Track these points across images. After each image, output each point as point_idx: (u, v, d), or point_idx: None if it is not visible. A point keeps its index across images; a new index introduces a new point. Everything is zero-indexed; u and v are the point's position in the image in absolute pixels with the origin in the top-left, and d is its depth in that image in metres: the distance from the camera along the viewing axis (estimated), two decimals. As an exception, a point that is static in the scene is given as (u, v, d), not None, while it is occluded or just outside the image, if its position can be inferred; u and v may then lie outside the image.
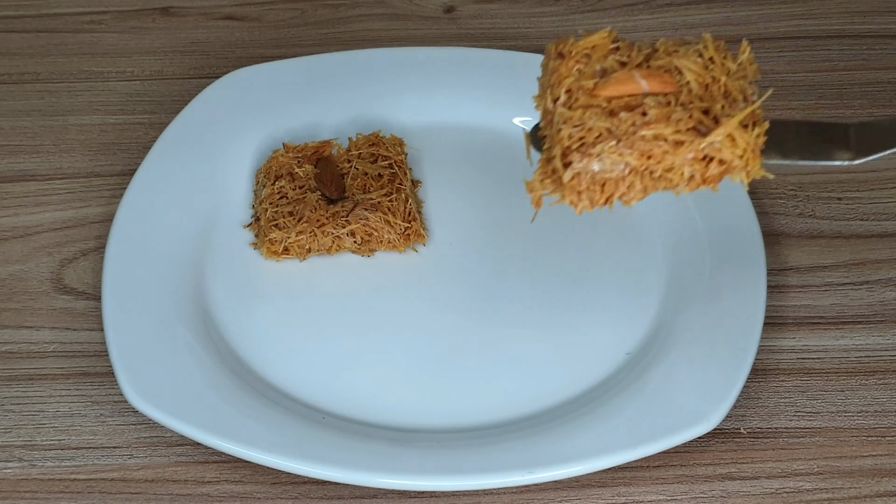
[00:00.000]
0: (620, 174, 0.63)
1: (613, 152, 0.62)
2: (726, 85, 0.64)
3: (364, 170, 0.89)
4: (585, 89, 0.64)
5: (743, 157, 0.63)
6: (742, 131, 0.63)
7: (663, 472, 0.78)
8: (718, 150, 0.62)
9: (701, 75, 0.63)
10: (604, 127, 0.62)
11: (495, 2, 1.07)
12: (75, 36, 1.04)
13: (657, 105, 0.62)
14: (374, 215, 0.87)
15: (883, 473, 0.78)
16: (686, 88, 0.63)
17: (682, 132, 0.62)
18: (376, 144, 0.91)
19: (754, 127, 0.62)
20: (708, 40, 0.66)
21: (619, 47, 0.66)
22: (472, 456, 0.77)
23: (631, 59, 0.65)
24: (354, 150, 0.90)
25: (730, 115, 0.62)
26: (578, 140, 0.63)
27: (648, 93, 0.63)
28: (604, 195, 0.64)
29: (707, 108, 0.63)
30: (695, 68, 0.63)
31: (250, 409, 0.79)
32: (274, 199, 0.88)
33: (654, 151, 0.62)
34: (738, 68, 0.65)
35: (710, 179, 0.64)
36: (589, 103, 0.63)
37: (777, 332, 0.85)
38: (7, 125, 0.98)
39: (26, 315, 0.86)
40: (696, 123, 0.62)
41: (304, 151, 0.91)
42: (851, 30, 1.03)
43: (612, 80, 0.64)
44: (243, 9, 1.06)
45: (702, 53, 0.65)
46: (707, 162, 0.63)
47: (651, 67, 0.64)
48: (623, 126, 0.62)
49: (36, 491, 0.78)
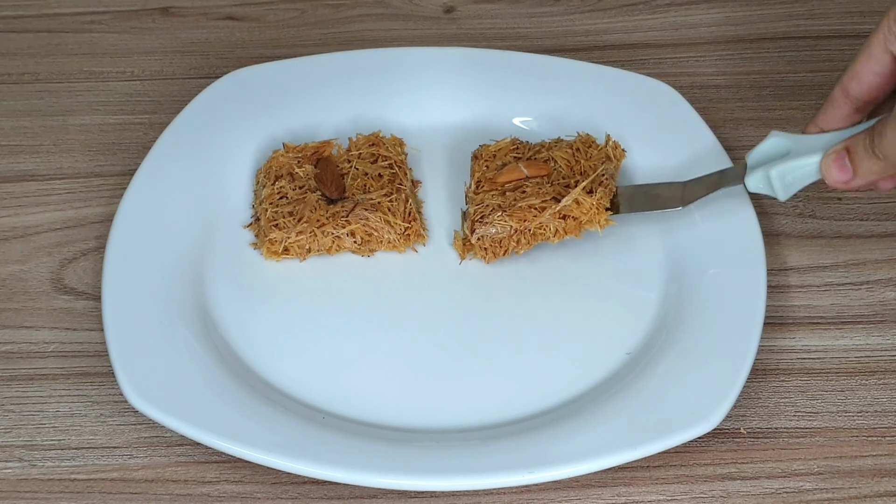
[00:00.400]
0: (508, 234, 0.86)
1: (501, 220, 0.86)
2: (584, 166, 0.88)
3: (364, 170, 0.89)
4: (488, 179, 0.88)
5: (588, 214, 0.85)
6: (586, 196, 0.85)
7: (663, 472, 0.78)
8: (571, 210, 0.85)
9: (568, 161, 0.88)
10: (496, 203, 0.86)
11: (495, 2, 1.07)
12: (75, 36, 1.04)
13: (534, 185, 0.87)
14: (374, 215, 0.87)
15: (883, 473, 0.78)
16: (557, 171, 0.88)
17: (546, 201, 0.86)
18: (376, 144, 0.91)
19: (601, 189, 0.86)
20: (580, 137, 0.90)
21: (517, 147, 0.90)
22: (472, 456, 0.77)
23: (522, 155, 0.89)
24: (354, 150, 0.90)
25: (577, 186, 0.86)
26: (480, 214, 0.86)
27: (530, 176, 0.88)
28: (501, 249, 0.86)
29: (567, 184, 0.87)
30: (564, 156, 0.88)
31: (250, 409, 0.79)
32: (274, 199, 0.88)
33: (527, 216, 0.85)
34: (598, 153, 0.89)
35: (571, 230, 0.86)
36: (490, 188, 0.88)
37: (777, 332, 0.85)
38: (7, 125, 0.98)
39: (26, 315, 0.86)
40: (555, 194, 0.86)
41: (304, 151, 0.90)
42: (851, 30, 1.03)
43: (504, 170, 0.88)
44: (243, 9, 1.06)
45: (572, 146, 0.89)
46: (565, 219, 0.86)
47: (534, 159, 0.89)
48: (508, 201, 0.86)
49: (36, 491, 0.78)
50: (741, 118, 0.97)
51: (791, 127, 0.95)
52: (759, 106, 0.98)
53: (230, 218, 0.90)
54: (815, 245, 0.89)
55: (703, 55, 1.02)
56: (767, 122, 0.97)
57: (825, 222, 0.90)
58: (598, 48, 1.03)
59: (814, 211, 0.91)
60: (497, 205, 0.86)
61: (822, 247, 0.89)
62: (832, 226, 0.90)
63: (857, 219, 0.91)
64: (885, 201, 0.92)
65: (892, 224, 0.90)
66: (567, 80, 0.95)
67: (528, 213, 0.85)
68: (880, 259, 0.88)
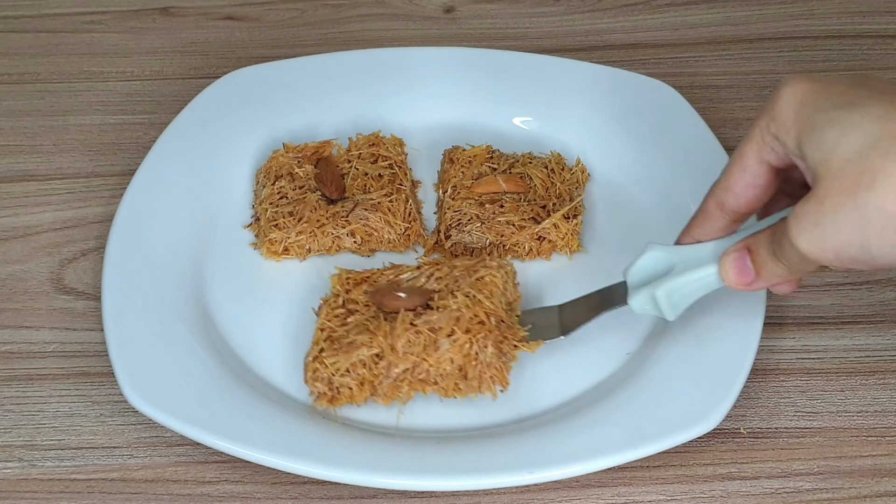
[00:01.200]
0: (483, 245, 0.87)
1: (479, 230, 0.87)
2: (560, 188, 0.88)
3: (364, 170, 0.89)
4: (465, 186, 0.89)
5: (564, 239, 0.87)
6: (564, 221, 0.87)
7: (663, 472, 0.79)
8: (548, 233, 0.87)
9: (543, 181, 0.89)
10: (474, 213, 0.87)
11: (495, 2, 1.07)
12: (75, 36, 1.04)
13: (511, 201, 0.88)
14: (375, 215, 0.87)
15: (883, 473, 0.78)
16: (533, 189, 0.88)
17: (525, 220, 0.87)
18: (376, 144, 0.91)
19: (574, 218, 0.87)
20: (552, 156, 0.90)
21: (493, 156, 0.90)
22: (472, 456, 0.77)
23: (499, 167, 0.89)
24: (354, 151, 0.90)
25: (556, 210, 0.87)
26: (457, 220, 0.87)
27: (507, 191, 0.88)
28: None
29: (545, 205, 0.88)
30: (540, 175, 0.89)
31: (250, 409, 0.79)
32: (274, 199, 0.88)
33: (505, 232, 0.87)
34: (570, 176, 0.90)
35: (543, 252, 0.87)
36: (466, 196, 0.88)
37: (777, 332, 0.85)
38: (7, 125, 0.98)
39: (26, 315, 0.86)
40: (534, 214, 0.87)
41: (304, 151, 0.90)
42: (851, 30, 1.03)
43: (482, 181, 0.89)
44: (243, 9, 1.07)
45: (546, 165, 0.90)
46: (541, 240, 0.87)
47: (509, 172, 0.89)
48: (486, 213, 0.87)
49: (36, 491, 0.78)
50: (741, 118, 0.97)
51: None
52: (759, 106, 0.98)
53: (230, 218, 0.90)
54: (815, 245, 0.89)
55: (703, 55, 1.02)
56: (767, 122, 0.97)
57: (825, 222, 0.90)
58: (598, 48, 1.03)
59: (814, 211, 0.91)
60: (475, 214, 0.87)
61: (822, 247, 0.89)
62: (832, 226, 0.90)
63: (857, 219, 0.90)
64: (885, 201, 0.91)
65: (892, 224, 0.90)
66: (567, 80, 0.95)
67: (507, 228, 0.86)
68: (880, 259, 0.88)
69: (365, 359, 0.77)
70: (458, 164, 0.90)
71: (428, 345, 0.77)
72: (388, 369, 0.77)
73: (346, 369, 0.77)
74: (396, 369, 0.77)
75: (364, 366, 0.77)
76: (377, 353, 0.77)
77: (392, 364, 0.77)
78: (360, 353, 0.77)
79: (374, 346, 0.77)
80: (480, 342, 0.77)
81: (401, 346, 0.77)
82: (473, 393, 0.78)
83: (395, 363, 0.77)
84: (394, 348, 0.77)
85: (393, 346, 0.77)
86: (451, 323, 0.77)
